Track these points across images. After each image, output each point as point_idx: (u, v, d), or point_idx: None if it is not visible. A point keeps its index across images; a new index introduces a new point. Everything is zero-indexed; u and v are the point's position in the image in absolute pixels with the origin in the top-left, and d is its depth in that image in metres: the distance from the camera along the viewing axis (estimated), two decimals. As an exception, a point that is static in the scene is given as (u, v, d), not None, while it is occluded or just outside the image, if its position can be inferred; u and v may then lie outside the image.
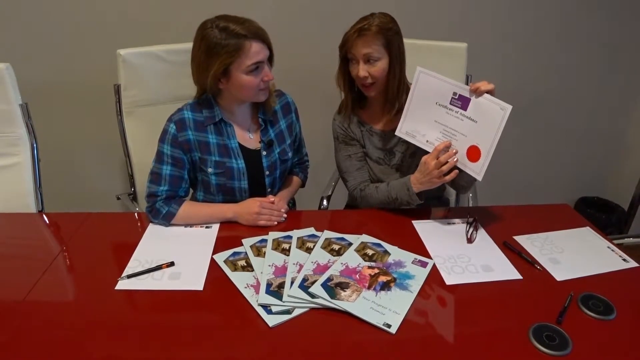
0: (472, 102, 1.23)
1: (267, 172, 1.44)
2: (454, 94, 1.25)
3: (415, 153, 1.46)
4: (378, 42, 1.31)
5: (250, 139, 1.43)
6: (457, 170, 1.27)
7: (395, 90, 1.39)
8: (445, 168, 1.26)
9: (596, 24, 2.29)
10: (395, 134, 1.38)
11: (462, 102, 1.25)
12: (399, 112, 1.40)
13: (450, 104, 1.27)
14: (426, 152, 1.32)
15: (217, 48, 1.22)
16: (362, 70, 1.33)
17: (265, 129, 1.44)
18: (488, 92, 1.21)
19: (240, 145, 1.40)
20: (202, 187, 1.45)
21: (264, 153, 1.43)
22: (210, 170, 1.37)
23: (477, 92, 1.22)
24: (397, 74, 1.36)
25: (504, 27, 2.25)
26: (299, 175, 1.65)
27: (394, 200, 1.40)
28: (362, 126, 1.49)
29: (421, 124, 1.33)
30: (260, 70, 1.28)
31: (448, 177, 1.27)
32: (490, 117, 1.20)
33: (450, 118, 1.28)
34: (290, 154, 1.50)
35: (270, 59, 1.32)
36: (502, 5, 2.20)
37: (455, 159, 1.26)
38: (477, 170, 1.24)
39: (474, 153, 1.25)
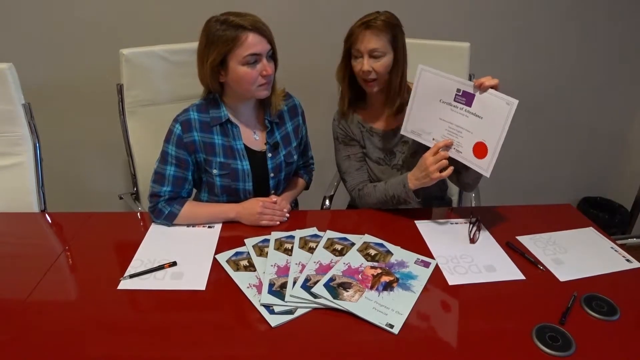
0: (476, 98, 1.22)
1: (271, 174, 1.44)
2: (458, 90, 1.24)
3: (416, 153, 1.45)
4: (384, 37, 1.30)
5: (256, 141, 1.42)
6: (452, 167, 1.26)
7: (397, 88, 1.38)
8: (443, 164, 1.25)
9: (599, 24, 2.29)
10: (401, 132, 1.37)
11: (466, 98, 1.24)
12: (400, 112, 1.40)
13: (455, 100, 1.26)
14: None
15: (215, 38, 1.23)
16: (366, 65, 1.31)
17: (272, 130, 1.43)
18: (492, 87, 1.19)
19: (246, 147, 1.39)
20: (207, 188, 1.44)
21: (269, 155, 1.42)
22: (215, 171, 1.36)
23: (482, 88, 1.20)
24: (399, 71, 1.36)
25: (507, 26, 2.25)
26: (304, 177, 1.64)
27: (391, 199, 1.39)
28: (362, 126, 1.49)
29: (426, 122, 1.32)
30: (258, 64, 1.26)
31: (444, 173, 1.26)
32: (496, 112, 1.19)
33: (455, 115, 1.27)
34: (295, 157, 1.49)
35: (273, 56, 1.31)
36: (505, 4, 2.19)
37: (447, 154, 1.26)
38: (484, 167, 1.23)
39: (480, 149, 1.23)
